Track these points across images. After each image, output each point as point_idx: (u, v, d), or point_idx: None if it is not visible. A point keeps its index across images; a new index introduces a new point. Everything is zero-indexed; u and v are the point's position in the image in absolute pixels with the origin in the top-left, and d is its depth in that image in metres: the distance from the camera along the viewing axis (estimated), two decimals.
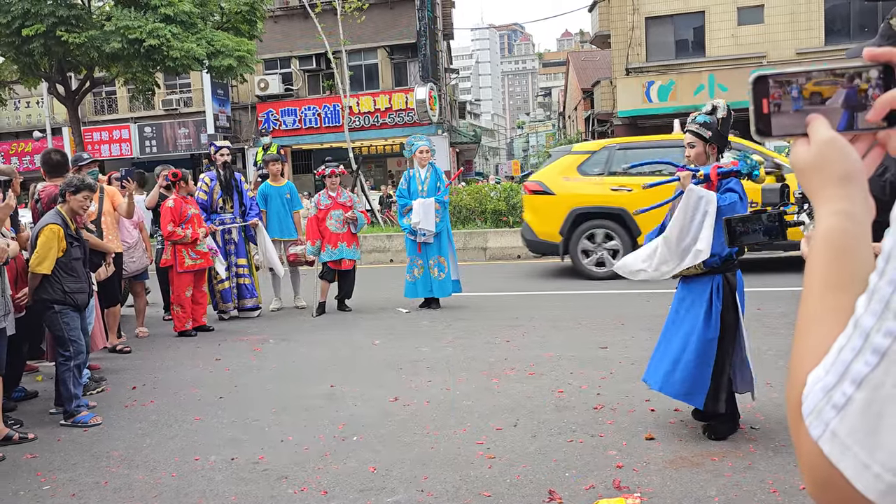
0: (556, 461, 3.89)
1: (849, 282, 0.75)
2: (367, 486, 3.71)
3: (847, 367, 0.66)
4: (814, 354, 0.72)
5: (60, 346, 5.08)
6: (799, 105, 0.86)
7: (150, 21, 16.43)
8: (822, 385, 0.68)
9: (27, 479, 4.10)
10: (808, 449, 0.68)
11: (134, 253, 7.64)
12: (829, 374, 0.68)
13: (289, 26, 27.20)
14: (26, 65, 17.76)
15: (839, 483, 0.66)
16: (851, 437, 0.64)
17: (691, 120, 4.09)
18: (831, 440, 0.66)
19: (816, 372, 0.70)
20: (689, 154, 4.10)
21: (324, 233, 8.51)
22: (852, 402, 0.65)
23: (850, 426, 0.65)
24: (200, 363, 6.60)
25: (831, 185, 0.80)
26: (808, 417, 0.69)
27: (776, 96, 0.86)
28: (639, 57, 23.88)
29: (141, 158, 27.13)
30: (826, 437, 0.66)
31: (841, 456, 0.65)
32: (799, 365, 0.74)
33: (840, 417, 0.65)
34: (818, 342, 0.72)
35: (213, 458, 4.23)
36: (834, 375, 0.67)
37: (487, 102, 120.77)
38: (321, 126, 26.99)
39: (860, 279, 0.74)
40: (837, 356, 0.68)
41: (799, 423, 0.70)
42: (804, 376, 0.71)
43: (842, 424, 0.65)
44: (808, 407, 0.69)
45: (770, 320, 6.93)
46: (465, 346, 6.57)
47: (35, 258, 4.95)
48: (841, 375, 0.66)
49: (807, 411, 0.69)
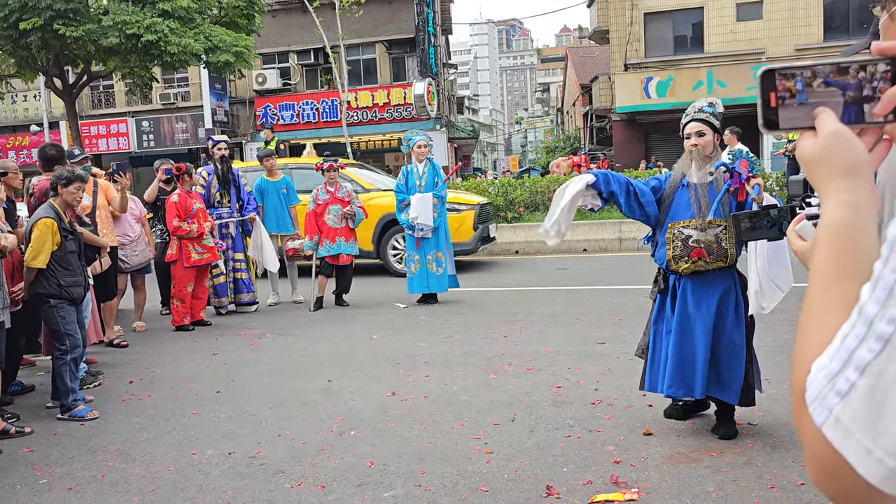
0: (553, 456, 3.89)
1: (854, 272, 0.75)
2: (364, 481, 3.70)
3: (851, 354, 0.67)
4: (818, 344, 0.73)
5: (57, 339, 5.06)
6: (806, 98, 0.86)
7: (148, 16, 16.38)
8: (825, 372, 0.69)
9: (24, 473, 4.09)
10: (811, 436, 0.69)
11: (137, 247, 7.62)
12: (832, 362, 0.69)
13: (287, 21, 27.11)
14: (23, 58, 17.69)
15: (842, 469, 0.66)
16: (854, 422, 0.65)
17: (697, 110, 4.04)
18: (834, 426, 0.67)
19: (820, 360, 0.71)
20: (697, 143, 3.98)
21: (322, 227, 8.46)
22: (856, 389, 0.66)
23: (854, 412, 0.65)
24: (198, 358, 6.59)
25: (837, 176, 0.81)
26: (811, 404, 0.69)
27: (783, 90, 0.87)
28: (637, 53, 23.86)
29: (138, 153, 27.06)
30: (829, 423, 0.67)
31: (844, 442, 0.66)
32: (803, 354, 0.74)
33: (843, 404, 0.66)
34: (822, 332, 0.73)
35: (211, 452, 4.23)
36: (838, 362, 0.68)
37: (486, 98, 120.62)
38: (319, 121, 26.92)
39: (865, 270, 0.74)
40: (841, 343, 0.69)
41: (803, 411, 0.71)
42: (808, 365, 0.72)
43: (845, 410, 0.66)
44: (812, 394, 0.70)
45: (767, 315, 6.92)
46: (462, 341, 6.57)
47: (30, 252, 4.93)
48: (845, 362, 0.67)
49: (810, 398, 0.70)
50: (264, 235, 8.73)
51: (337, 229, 8.47)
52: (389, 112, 26.47)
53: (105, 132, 27.92)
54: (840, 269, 0.76)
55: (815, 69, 0.85)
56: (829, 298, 0.75)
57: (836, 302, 0.74)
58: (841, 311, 0.72)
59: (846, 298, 0.73)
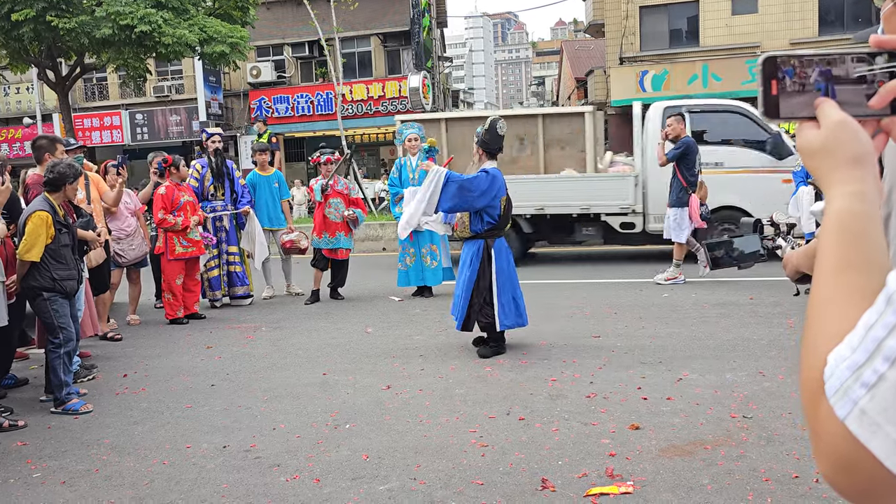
0: (548, 449, 3.89)
1: (863, 263, 0.74)
2: (359, 474, 3.70)
3: (879, 345, 0.65)
4: (832, 335, 0.71)
5: (50, 333, 5.04)
6: (807, 88, 0.85)
7: (142, 7, 16.27)
8: (848, 363, 0.67)
9: (17, 466, 4.07)
10: (831, 430, 0.67)
11: (133, 241, 7.58)
12: (856, 352, 0.66)
13: (281, 13, 26.99)
14: (16, 50, 17.56)
15: (866, 464, 0.64)
16: (883, 415, 0.63)
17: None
18: (859, 419, 0.64)
19: (840, 350, 0.68)
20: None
21: (322, 220, 8.51)
22: (885, 380, 0.63)
23: (882, 404, 0.63)
24: (192, 351, 6.57)
25: (843, 166, 0.79)
26: (832, 397, 0.67)
27: (784, 78, 0.86)
28: (633, 46, 23.82)
29: (132, 145, 26.92)
30: (854, 416, 0.65)
31: (871, 435, 0.64)
32: (815, 346, 0.72)
33: (871, 395, 0.64)
34: (836, 323, 0.71)
35: (205, 445, 4.22)
36: (863, 353, 0.66)
37: (481, 91, 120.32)
38: (314, 114, 26.83)
39: (873, 260, 0.73)
40: (866, 333, 0.66)
41: (818, 405, 0.69)
42: (822, 357, 0.70)
43: (872, 402, 0.64)
44: (833, 386, 0.67)
45: (762, 309, 6.95)
46: (457, 335, 6.55)
47: (23, 245, 4.90)
48: (872, 353, 0.65)
49: (831, 391, 0.67)
50: (258, 229, 8.70)
51: (337, 224, 8.50)
52: (384, 105, 26.39)
53: (98, 125, 27.78)
54: (849, 260, 0.74)
55: (817, 58, 0.85)
56: (839, 289, 0.74)
57: (847, 292, 0.73)
58: (853, 302, 0.71)
59: (858, 288, 0.72)
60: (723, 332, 6.21)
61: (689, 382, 4.89)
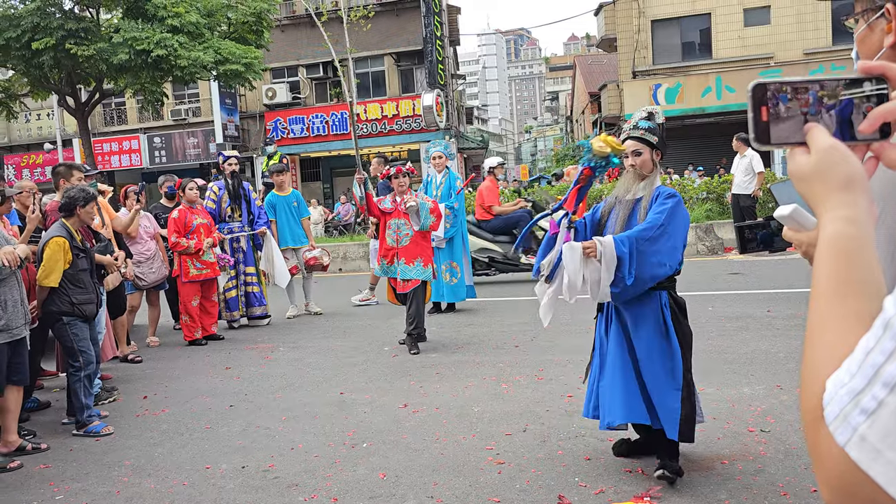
0: (565, 466, 3.89)
1: (857, 287, 0.74)
2: (377, 493, 3.71)
3: (878, 370, 0.64)
4: (830, 359, 0.70)
5: (70, 356, 5.11)
6: (797, 114, 0.86)
7: (158, 32, 16.56)
8: (847, 389, 0.66)
9: (40, 488, 4.12)
10: (831, 455, 0.66)
11: (153, 265, 7.69)
12: (855, 378, 0.66)
13: (295, 35, 27.30)
14: (36, 77, 17.93)
15: (866, 490, 0.64)
16: (883, 441, 0.62)
17: (633, 126, 3.73)
18: (860, 445, 0.64)
19: (838, 376, 0.68)
20: (634, 163, 3.69)
21: (380, 243, 6.97)
22: (885, 406, 0.63)
23: (883, 430, 0.63)
24: (211, 372, 6.63)
25: (835, 190, 0.80)
26: (832, 423, 0.66)
27: (774, 105, 0.87)
28: (645, 60, 23.86)
29: (150, 168, 27.27)
30: (854, 442, 0.64)
31: (872, 462, 0.63)
32: (813, 371, 0.72)
33: (870, 422, 0.63)
34: (833, 347, 0.71)
35: (224, 466, 4.25)
36: (862, 379, 0.65)
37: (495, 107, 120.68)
38: (329, 134, 27.05)
39: (868, 283, 0.73)
40: (865, 359, 0.66)
41: (818, 430, 0.68)
42: (821, 382, 0.69)
43: (872, 429, 0.63)
44: (832, 412, 0.67)
45: (779, 322, 6.91)
46: (474, 352, 6.58)
47: (42, 271, 4.99)
48: (871, 379, 0.64)
49: (830, 417, 0.67)
50: (275, 249, 8.78)
51: (394, 248, 6.76)
52: (399, 124, 26.57)
53: (117, 149, 28.18)
54: (844, 285, 0.74)
55: (806, 85, 0.87)
56: (835, 314, 0.73)
57: (843, 317, 0.72)
58: (849, 326, 0.71)
59: (854, 312, 0.72)
60: (740, 345, 6.18)
61: (706, 396, 4.86)
